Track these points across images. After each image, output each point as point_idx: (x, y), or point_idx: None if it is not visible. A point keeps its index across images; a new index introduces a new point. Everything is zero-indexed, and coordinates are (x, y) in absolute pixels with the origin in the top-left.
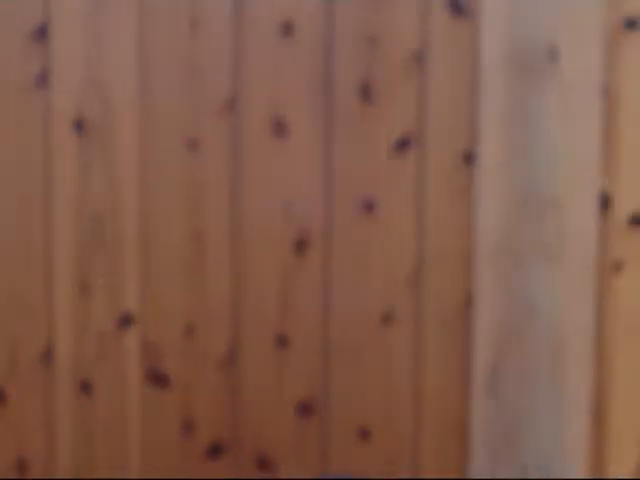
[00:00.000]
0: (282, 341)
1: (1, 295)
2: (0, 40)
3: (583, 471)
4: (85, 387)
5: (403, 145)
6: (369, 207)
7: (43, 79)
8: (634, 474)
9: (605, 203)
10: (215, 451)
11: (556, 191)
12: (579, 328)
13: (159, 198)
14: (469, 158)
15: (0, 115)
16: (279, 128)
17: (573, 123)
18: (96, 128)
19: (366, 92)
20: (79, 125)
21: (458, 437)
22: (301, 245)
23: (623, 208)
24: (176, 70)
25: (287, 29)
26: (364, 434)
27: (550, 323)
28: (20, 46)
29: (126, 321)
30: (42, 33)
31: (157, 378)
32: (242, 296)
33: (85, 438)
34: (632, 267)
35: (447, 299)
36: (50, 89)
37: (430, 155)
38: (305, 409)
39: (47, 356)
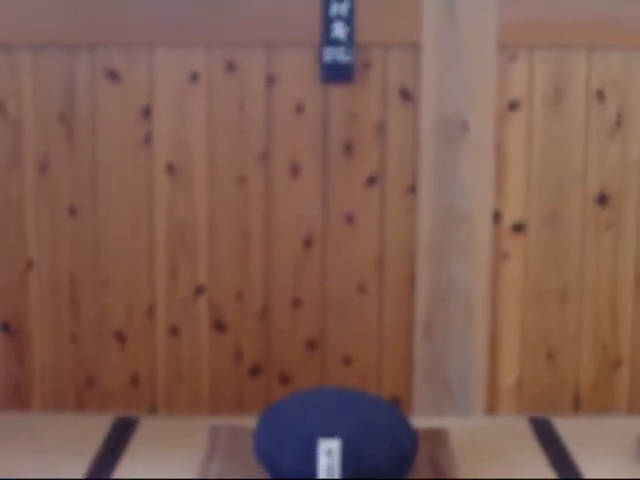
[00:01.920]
0: (296, 303)
1: (122, 275)
2: (122, 116)
3: (483, 381)
4: (173, 332)
5: (371, 181)
6: (350, 220)
7: (148, 139)
8: (516, 384)
9: (497, 217)
10: (255, 372)
11: (467, 210)
12: (481, 296)
13: (220, 213)
14: (413, 190)
15: (122, 163)
16: (294, 170)
17: (477, 168)
18: (181, 170)
19: (348, 148)
20: (170, 169)
21: (406, 364)
22: (307, 243)
23: (508, 220)
24: (230, 133)
25: (299, 109)
26: (347, 361)
27: (463, 293)
28: (133, 119)
29: (199, 290)
30: (147, 111)
31: (219, 326)
32: (271, 275)
33: (174, 364)
34: (514, 257)
35: (399, 277)
36: (152, 146)
37: (388, 188)
38: (311, 345)
39: (150, 312)
